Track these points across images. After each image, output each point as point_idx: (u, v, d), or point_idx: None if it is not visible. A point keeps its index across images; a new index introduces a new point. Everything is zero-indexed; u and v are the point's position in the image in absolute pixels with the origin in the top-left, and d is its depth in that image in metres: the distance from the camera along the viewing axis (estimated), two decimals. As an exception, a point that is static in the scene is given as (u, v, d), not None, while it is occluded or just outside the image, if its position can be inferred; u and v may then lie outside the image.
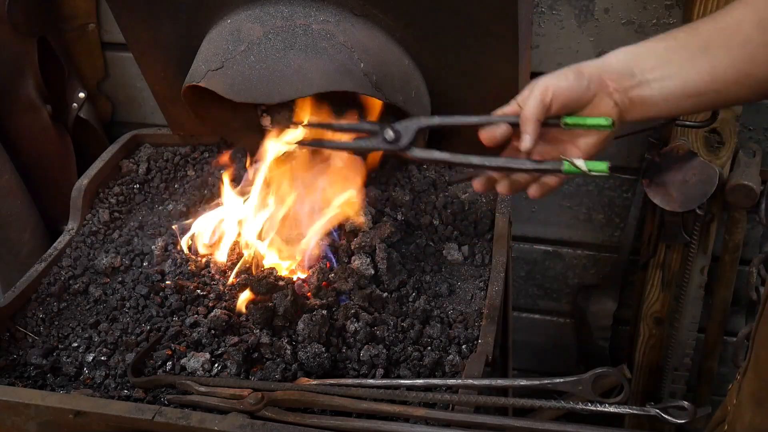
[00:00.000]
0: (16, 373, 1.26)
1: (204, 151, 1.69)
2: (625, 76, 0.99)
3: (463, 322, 1.28)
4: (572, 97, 0.99)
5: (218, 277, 1.38)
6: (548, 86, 0.99)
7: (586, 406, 1.01)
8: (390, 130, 1.06)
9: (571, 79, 0.99)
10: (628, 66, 1.00)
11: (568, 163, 0.99)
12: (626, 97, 1.00)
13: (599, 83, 0.99)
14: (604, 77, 1.00)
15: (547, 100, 0.99)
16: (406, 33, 1.35)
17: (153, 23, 1.46)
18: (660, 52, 0.99)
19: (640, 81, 0.99)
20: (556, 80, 0.99)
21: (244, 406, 1.10)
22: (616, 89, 1.00)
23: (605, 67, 1.00)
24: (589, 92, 0.99)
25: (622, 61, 1.01)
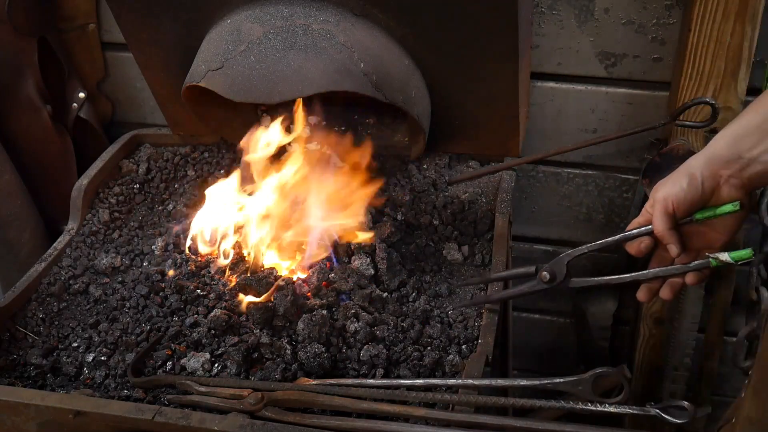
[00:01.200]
0: (16, 373, 1.27)
1: (204, 151, 1.69)
2: (733, 161, 1.05)
3: (463, 322, 1.28)
4: (693, 201, 1.07)
5: (218, 277, 1.38)
6: (667, 198, 1.07)
7: (586, 406, 1.01)
8: (546, 272, 1.18)
9: (685, 185, 1.07)
10: (733, 150, 1.05)
11: (714, 261, 1.08)
12: (743, 178, 1.06)
13: (712, 178, 1.06)
14: (714, 170, 1.06)
15: (670, 210, 1.07)
16: (406, 33, 1.35)
17: (153, 23, 1.46)
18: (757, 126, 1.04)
19: (749, 160, 1.04)
20: (673, 189, 1.07)
21: (244, 406, 1.10)
22: (731, 175, 1.06)
23: (713, 160, 1.06)
24: (706, 189, 1.07)
25: (725, 147, 1.06)
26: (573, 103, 1.72)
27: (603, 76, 1.67)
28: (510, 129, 1.50)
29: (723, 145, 1.06)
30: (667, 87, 1.64)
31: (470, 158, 1.58)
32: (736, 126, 1.06)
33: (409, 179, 1.55)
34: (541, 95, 1.73)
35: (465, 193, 1.51)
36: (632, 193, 1.85)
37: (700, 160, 1.08)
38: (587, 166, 1.82)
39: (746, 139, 1.04)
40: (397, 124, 1.59)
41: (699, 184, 1.06)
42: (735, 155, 1.05)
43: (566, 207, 1.91)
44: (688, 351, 1.93)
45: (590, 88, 1.70)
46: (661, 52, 1.61)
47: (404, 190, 1.51)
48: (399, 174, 1.56)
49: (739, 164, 1.05)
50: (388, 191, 1.51)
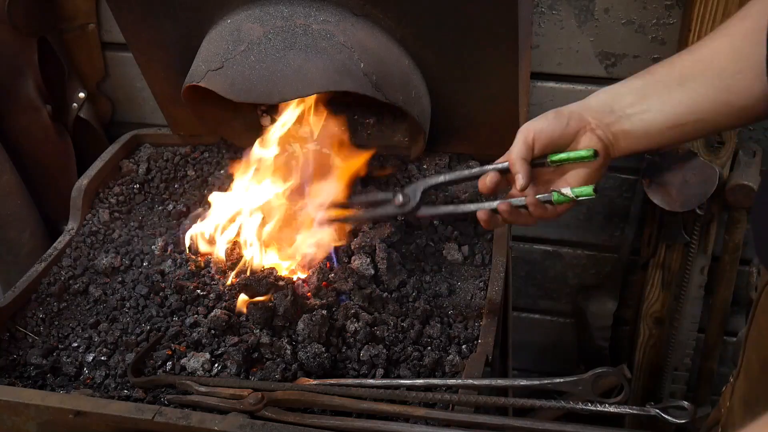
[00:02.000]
0: (16, 373, 1.26)
1: (204, 151, 1.69)
2: (605, 113, 1.04)
3: (462, 322, 1.28)
4: (553, 135, 1.05)
5: (218, 277, 1.38)
6: (529, 128, 1.06)
7: (586, 406, 1.01)
8: (400, 195, 1.17)
9: (551, 119, 1.05)
10: (607, 103, 1.04)
11: (557, 194, 1.06)
12: (609, 132, 1.04)
13: (579, 120, 1.04)
14: (584, 115, 1.05)
15: (530, 140, 1.05)
16: (406, 33, 1.35)
17: (153, 23, 1.46)
18: (638, 88, 1.03)
19: (620, 116, 1.03)
20: (537, 122, 1.06)
21: (244, 406, 1.10)
22: (598, 125, 1.04)
23: (585, 107, 1.06)
24: (570, 129, 1.05)
25: (601, 100, 1.06)
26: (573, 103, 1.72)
27: (603, 76, 1.67)
28: (510, 129, 1.49)
29: (601, 98, 1.06)
30: (667, 87, 1.64)
31: (470, 158, 1.58)
32: (619, 86, 1.06)
33: (409, 179, 1.55)
34: (541, 95, 1.73)
35: (465, 193, 1.51)
36: (632, 193, 1.86)
37: (573, 105, 1.07)
38: (587, 166, 1.82)
39: (624, 96, 1.04)
40: (397, 124, 1.59)
41: (565, 121, 1.04)
42: (608, 107, 1.04)
43: (566, 207, 1.91)
44: (688, 351, 1.93)
45: (590, 88, 1.70)
46: (661, 52, 1.61)
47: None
48: (399, 174, 1.56)
49: (609, 118, 1.04)
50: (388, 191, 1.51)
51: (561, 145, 1.05)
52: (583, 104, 1.06)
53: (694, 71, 0.98)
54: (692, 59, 1.00)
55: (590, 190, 1.05)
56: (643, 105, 1.01)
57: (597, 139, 1.04)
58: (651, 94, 1.01)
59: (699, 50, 1.00)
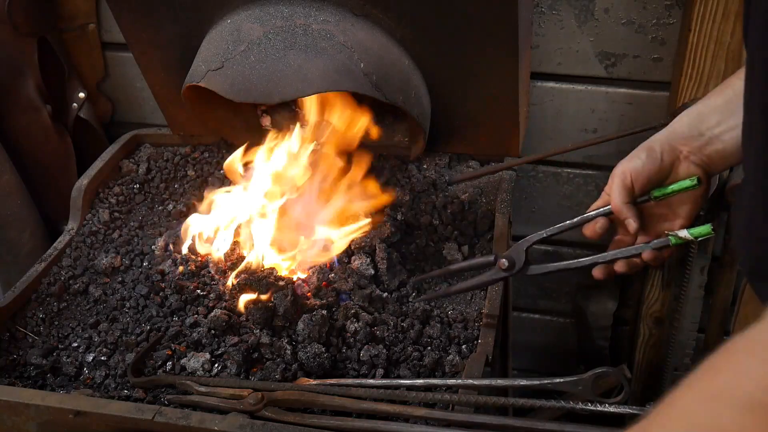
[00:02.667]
0: (16, 373, 1.26)
1: (204, 151, 1.69)
2: (694, 137, 1.04)
3: (462, 322, 1.28)
4: (651, 174, 1.06)
5: (218, 277, 1.38)
6: (625, 171, 1.06)
7: (586, 406, 1.01)
8: (504, 260, 1.17)
9: (644, 158, 1.06)
10: (694, 126, 1.04)
11: (674, 237, 1.06)
12: (703, 155, 1.05)
13: (671, 152, 1.05)
14: (674, 144, 1.05)
15: (628, 183, 1.06)
16: (406, 33, 1.35)
17: (153, 23, 1.46)
18: (721, 105, 1.03)
19: (710, 138, 1.03)
20: (631, 163, 1.06)
21: (244, 406, 1.10)
22: (690, 152, 1.05)
23: (673, 135, 1.06)
24: (665, 164, 1.06)
25: (686, 124, 1.05)
26: (573, 103, 1.72)
27: (603, 76, 1.67)
28: (510, 129, 1.50)
29: (685, 122, 1.05)
30: (667, 87, 1.64)
31: (470, 158, 1.58)
32: (700, 106, 1.05)
33: (409, 179, 1.55)
34: (541, 95, 1.73)
35: (465, 193, 1.51)
36: (632, 193, 1.85)
37: (661, 136, 1.07)
38: (587, 166, 1.82)
39: (709, 117, 1.03)
40: (397, 124, 1.59)
41: (658, 157, 1.05)
42: (696, 132, 1.04)
43: (566, 207, 1.91)
44: (688, 351, 1.93)
45: (590, 88, 1.70)
46: (661, 52, 1.61)
47: (404, 190, 1.51)
48: (399, 174, 1.56)
49: (699, 141, 1.04)
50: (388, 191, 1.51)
51: (660, 180, 1.07)
52: (670, 133, 1.06)
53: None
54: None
55: (708, 229, 1.05)
56: (729, 122, 1.01)
57: (694, 166, 1.05)
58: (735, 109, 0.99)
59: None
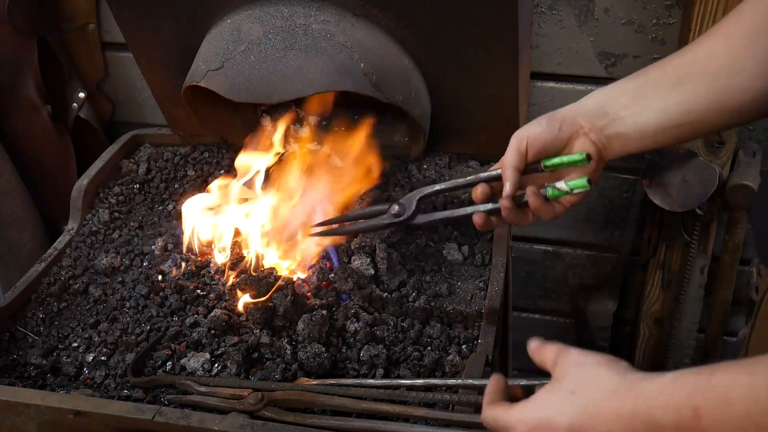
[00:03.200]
0: (16, 373, 1.26)
1: (204, 151, 1.69)
2: (599, 116, 1.03)
3: (462, 322, 1.28)
4: (546, 141, 1.04)
5: (218, 277, 1.38)
6: (522, 135, 1.05)
7: (586, 406, 1.01)
8: (396, 205, 1.19)
9: (544, 125, 1.04)
10: (601, 106, 1.03)
11: (551, 188, 1.06)
12: (602, 135, 1.03)
13: (572, 125, 1.04)
14: (577, 119, 1.04)
15: (523, 147, 1.04)
16: (406, 33, 1.35)
17: (153, 23, 1.46)
18: (632, 90, 1.02)
19: (613, 119, 1.02)
20: (530, 128, 1.05)
21: (244, 406, 1.10)
22: (591, 129, 1.03)
23: (579, 109, 1.05)
24: (562, 134, 1.04)
25: (595, 101, 1.05)
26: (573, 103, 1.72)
27: (603, 76, 1.67)
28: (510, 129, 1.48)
29: (595, 98, 1.05)
30: (667, 87, 1.64)
31: (470, 158, 1.58)
32: (613, 86, 1.05)
33: (409, 179, 1.55)
34: (541, 95, 1.73)
35: (465, 193, 1.51)
36: (632, 193, 1.86)
37: (567, 109, 1.06)
38: (587, 166, 1.82)
39: (619, 98, 1.03)
40: (397, 124, 1.59)
41: (557, 126, 1.04)
42: (602, 111, 1.03)
43: (566, 207, 1.91)
44: (688, 351, 1.93)
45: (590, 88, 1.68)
46: (661, 52, 1.61)
47: (404, 190, 1.51)
48: (399, 174, 1.56)
49: (602, 121, 1.03)
50: (388, 191, 1.51)
51: (555, 150, 1.05)
52: (577, 107, 1.06)
53: (689, 72, 0.98)
54: (687, 60, 0.99)
55: (584, 181, 1.04)
56: (636, 107, 1.01)
57: (590, 143, 1.04)
58: (645, 95, 1.01)
59: (694, 51, 0.99)
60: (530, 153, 1.05)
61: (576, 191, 1.05)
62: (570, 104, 1.06)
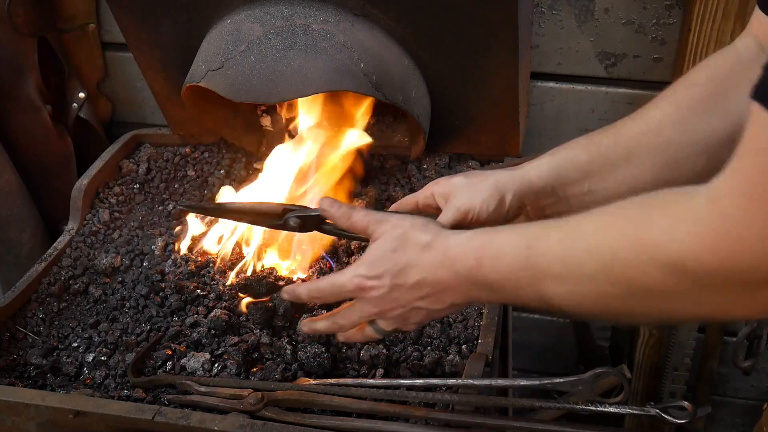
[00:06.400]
0: (16, 373, 1.26)
1: (204, 151, 1.69)
2: (545, 195, 0.99)
3: (463, 322, 1.28)
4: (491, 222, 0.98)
5: (218, 277, 1.38)
6: (469, 212, 0.98)
7: (586, 406, 1.01)
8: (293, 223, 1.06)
9: (492, 209, 0.98)
10: (549, 184, 0.99)
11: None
12: (543, 214, 1.00)
13: (519, 206, 1.00)
14: (524, 199, 0.99)
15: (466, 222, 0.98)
16: (406, 33, 1.35)
17: (153, 23, 1.46)
18: (582, 164, 0.98)
19: (559, 198, 0.99)
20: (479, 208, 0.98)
21: (244, 406, 1.10)
22: (534, 208, 1.00)
23: (527, 189, 0.99)
24: (509, 216, 1.00)
25: (544, 179, 0.99)
26: (573, 103, 1.72)
27: (603, 76, 1.67)
28: (510, 129, 1.50)
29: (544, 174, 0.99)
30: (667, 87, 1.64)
31: (470, 158, 1.58)
32: (561, 158, 1.00)
33: (409, 179, 1.55)
34: (541, 95, 1.73)
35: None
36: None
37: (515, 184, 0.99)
38: (587, 166, 1.82)
39: (568, 174, 0.98)
40: (397, 124, 1.59)
41: (505, 210, 0.99)
42: (549, 189, 0.99)
43: (566, 207, 1.91)
44: (688, 351, 1.93)
45: (590, 88, 1.70)
46: (661, 52, 1.61)
47: (404, 190, 1.51)
48: (399, 174, 1.56)
49: (548, 200, 0.99)
50: (388, 191, 1.51)
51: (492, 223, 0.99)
52: (526, 184, 0.99)
53: (640, 143, 0.94)
54: (638, 130, 0.96)
55: None
56: (584, 185, 0.97)
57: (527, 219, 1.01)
58: (595, 172, 0.97)
59: (645, 120, 0.96)
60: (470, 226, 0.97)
61: None
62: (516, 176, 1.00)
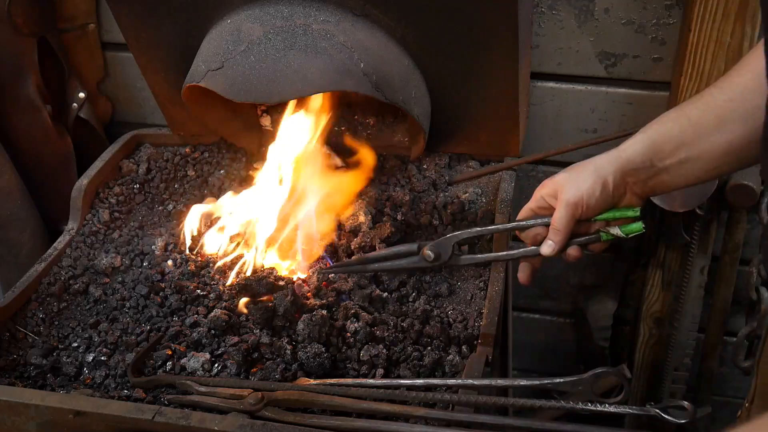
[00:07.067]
0: (16, 373, 1.26)
1: (204, 151, 1.69)
2: (645, 169, 1.06)
3: (463, 322, 1.28)
4: (601, 208, 1.09)
5: (218, 277, 1.38)
6: (578, 204, 1.07)
7: (586, 406, 1.01)
8: (430, 251, 1.22)
9: (598, 194, 1.07)
10: (647, 157, 1.05)
11: (605, 234, 1.11)
12: (647, 186, 1.08)
13: (622, 185, 1.08)
14: (625, 177, 1.07)
15: (578, 215, 1.08)
16: (406, 33, 1.35)
17: (153, 23, 1.46)
18: (676, 136, 1.03)
19: (659, 170, 1.05)
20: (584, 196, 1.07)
21: (244, 406, 1.10)
22: (636, 182, 1.07)
23: (626, 166, 1.07)
24: (616, 197, 1.09)
25: (640, 154, 1.06)
26: (573, 103, 1.72)
27: (603, 76, 1.67)
28: (510, 129, 1.50)
29: (639, 151, 1.06)
30: (667, 87, 1.64)
31: (470, 158, 1.58)
32: (655, 133, 1.06)
33: (409, 179, 1.55)
34: (541, 95, 1.73)
35: (465, 193, 1.51)
36: (632, 193, 1.85)
37: (613, 165, 1.07)
38: (587, 166, 1.82)
39: (662, 147, 1.04)
40: (397, 124, 1.59)
41: (611, 193, 1.07)
42: (648, 163, 1.05)
43: (566, 207, 1.91)
44: (688, 351, 1.93)
45: (590, 88, 1.70)
46: (661, 52, 1.61)
47: (404, 190, 1.51)
48: (399, 174, 1.56)
49: (647, 173, 1.06)
50: (388, 191, 1.51)
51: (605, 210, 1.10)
52: (624, 162, 1.07)
53: (727, 111, 0.99)
54: (725, 98, 1.01)
55: (639, 226, 1.08)
56: (681, 154, 1.03)
57: (636, 197, 1.08)
58: (688, 141, 1.02)
59: (729, 88, 1.01)
60: (583, 217, 1.09)
61: (631, 235, 1.09)
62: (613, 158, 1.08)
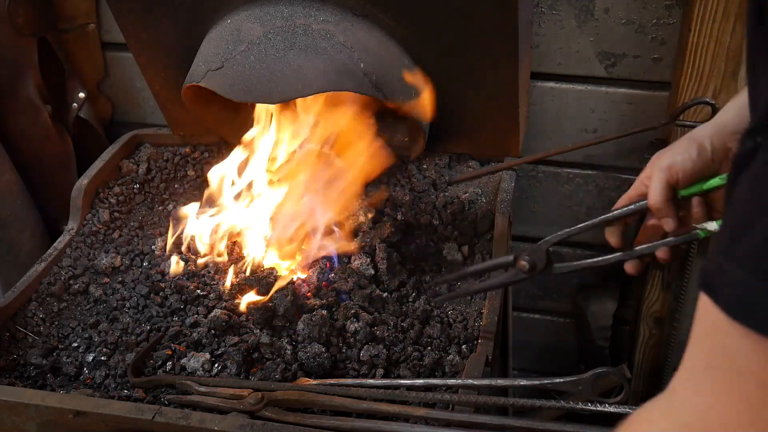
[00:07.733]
0: (16, 373, 1.27)
1: (204, 151, 1.69)
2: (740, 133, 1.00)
3: (463, 322, 1.28)
4: (700, 172, 0.98)
5: (218, 277, 1.38)
6: (672, 166, 0.98)
7: (586, 406, 1.01)
8: (525, 261, 1.11)
9: (695, 155, 0.98)
10: (743, 119, 0.98)
11: (703, 231, 1.02)
12: None
13: (722, 149, 0.99)
14: (724, 140, 0.98)
15: (673, 180, 0.98)
16: (406, 33, 1.35)
17: (153, 23, 1.46)
18: None
19: None
20: (679, 158, 0.98)
21: (244, 406, 1.10)
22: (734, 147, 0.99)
23: (722, 130, 0.99)
24: (716, 161, 0.99)
25: (734, 117, 0.99)
26: (573, 103, 1.72)
27: (603, 76, 1.67)
28: (510, 129, 1.50)
29: (733, 114, 0.98)
30: (667, 87, 1.64)
31: (470, 158, 1.58)
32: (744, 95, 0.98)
33: (409, 179, 1.55)
34: (541, 95, 1.73)
35: (465, 193, 1.51)
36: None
37: (707, 130, 0.99)
38: (587, 166, 1.82)
39: None
40: (397, 124, 1.59)
41: (709, 155, 0.97)
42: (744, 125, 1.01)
43: (566, 207, 1.91)
44: (689, 351, 1.93)
45: (590, 88, 1.70)
46: (661, 52, 1.61)
47: (404, 190, 1.51)
48: (399, 174, 1.56)
49: None
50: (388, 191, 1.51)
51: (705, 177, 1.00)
52: (718, 126, 0.99)
53: None
54: None
55: None
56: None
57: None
58: None
59: None
60: (680, 185, 1.00)
61: None
62: (708, 124, 1.01)
